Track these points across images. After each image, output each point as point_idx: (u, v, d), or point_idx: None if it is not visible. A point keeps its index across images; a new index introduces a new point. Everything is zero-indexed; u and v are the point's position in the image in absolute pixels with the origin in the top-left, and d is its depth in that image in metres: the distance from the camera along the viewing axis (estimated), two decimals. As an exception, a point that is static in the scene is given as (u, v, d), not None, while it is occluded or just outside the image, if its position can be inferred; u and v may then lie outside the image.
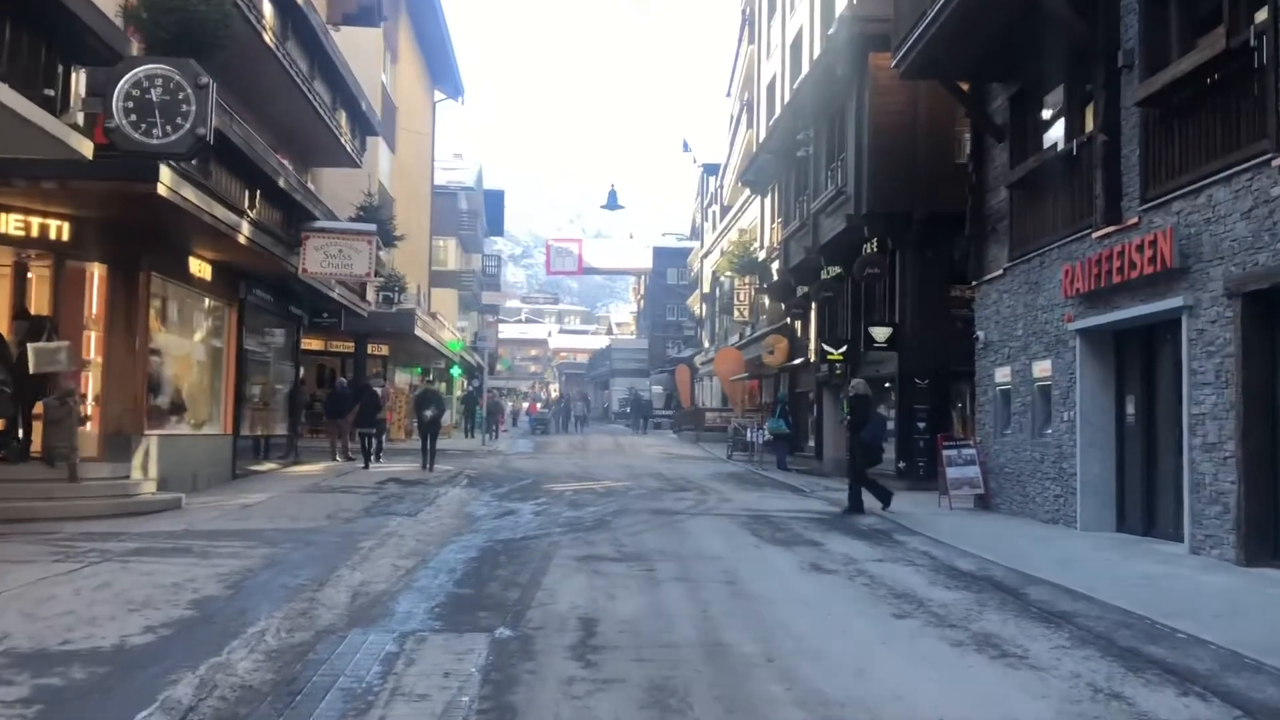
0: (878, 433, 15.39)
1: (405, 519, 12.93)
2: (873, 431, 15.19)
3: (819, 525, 13.55)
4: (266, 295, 18.58)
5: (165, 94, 9.99)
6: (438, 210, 44.83)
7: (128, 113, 9.86)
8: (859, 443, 15.08)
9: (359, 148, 22.11)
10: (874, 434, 15.22)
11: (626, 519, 13.79)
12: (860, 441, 15.05)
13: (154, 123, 9.89)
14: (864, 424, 15.16)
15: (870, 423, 15.26)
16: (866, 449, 15.08)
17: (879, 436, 15.42)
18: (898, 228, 20.07)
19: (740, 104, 38.35)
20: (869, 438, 15.09)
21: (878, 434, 15.39)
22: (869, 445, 15.09)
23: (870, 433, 15.12)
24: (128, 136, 9.91)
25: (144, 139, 9.95)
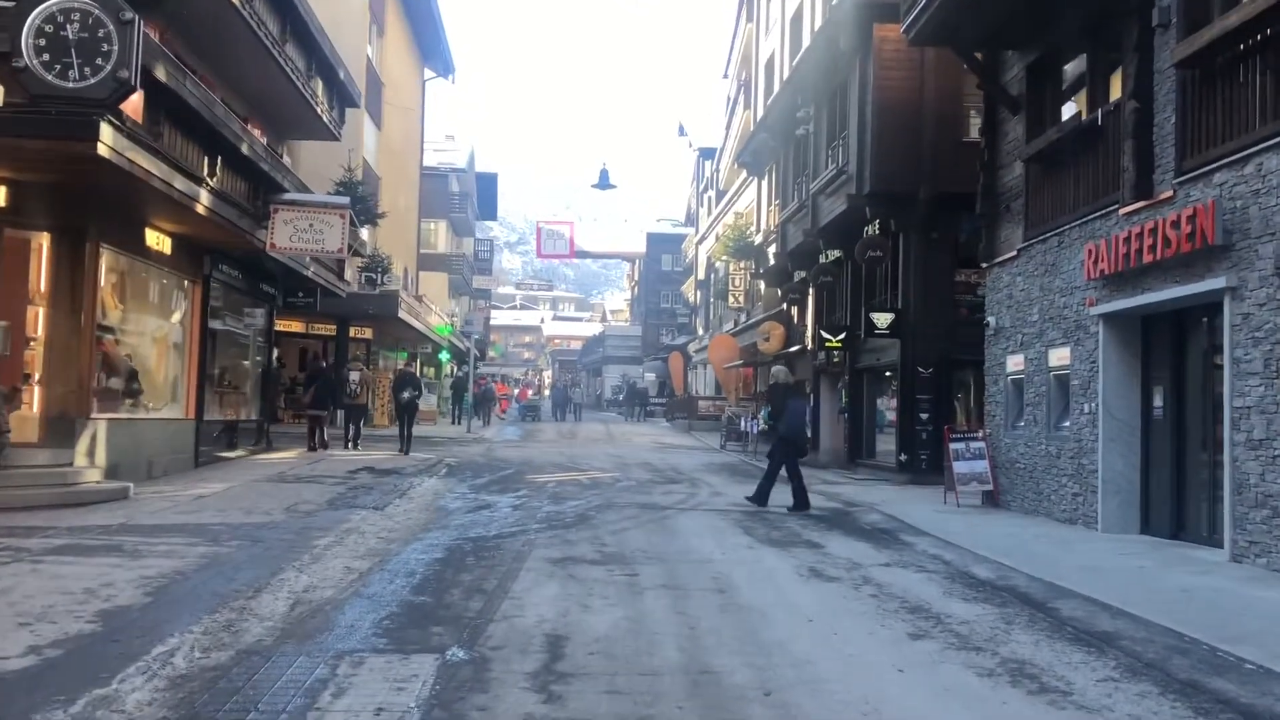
0: (796, 422, 14.59)
1: (370, 513, 11.95)
2: (791, 422, 14.38)
3: (818, 524, 12.58)
4: (235, 272, 17.55)
5: (83, 31, 8.92)
6: (427, 192, 43.74)
7: (39, 51, 8.78)
8: (780, 435, 14.31)
9: (337, 119, 21.05)
10: (793, 424, 14.40)
11: (611, 514, 12.81)
12: (781, 433, 14.30)
13: (70, 64, 8.83)
14: (784, 413, 14.38)
15: (789, 412, 14.41)
16: (787, 440, 14.26)
17: (799, 426, 14.65)
18: (901, 209, 19.08)
19: (738, 84, 37.29)
20: (787, 429, 14.28)
21: (797, 424, 14.59)
22: (789, 437, 14.28)
23: (789, 423, 14.32)
24: (40, 79, 8.84)
25: (58, 82, 8.87)
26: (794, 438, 14.35)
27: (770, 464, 14.33)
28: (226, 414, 18.85)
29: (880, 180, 18.91)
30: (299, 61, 17.91)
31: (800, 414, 14.97)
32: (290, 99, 18.46)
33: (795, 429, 14.44)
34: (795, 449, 14.31)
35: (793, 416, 14.48)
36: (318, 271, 19.63)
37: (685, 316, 58.80)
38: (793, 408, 14.63)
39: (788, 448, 14.20)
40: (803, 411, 15.18)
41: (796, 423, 14.57)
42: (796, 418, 14.63)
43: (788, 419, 14.33)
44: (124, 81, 9.10)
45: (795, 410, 14.70)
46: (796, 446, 14.37)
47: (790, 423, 14.33)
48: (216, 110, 13.00)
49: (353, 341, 30.40)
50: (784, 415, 14.35)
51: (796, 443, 14.40)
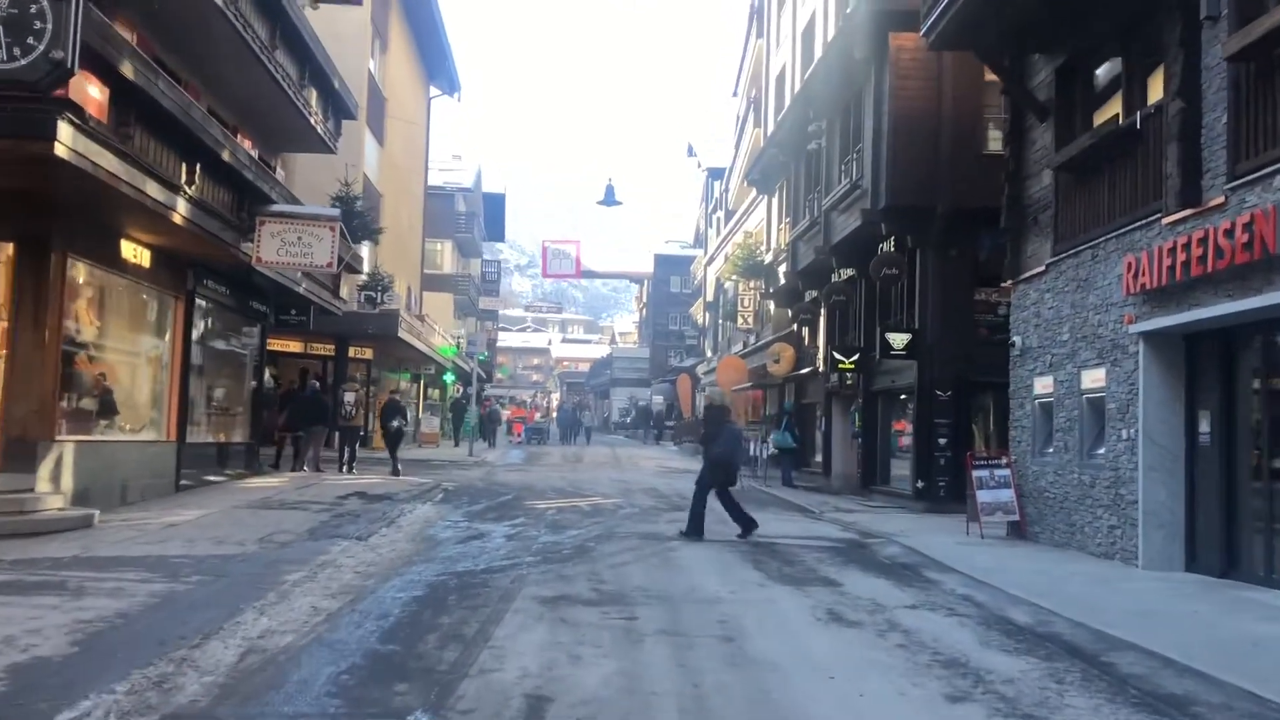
0: (731, 447, 13.72)
1: (352, 543, 11.09)
2: (726, 446, 13.55)
3: (834, 557, 11.69)
4: (222, 288, 16.77)
5: (13, 7, 8.14)
6: (433, 211, 43.09)
7: (-36, 29, 8.00)
8: (710, 459, 13.51)
9: (333, 131, 20.33)
10: (728, 450, 13.56)
11: (611, 546, 11.94)
12: (712, 458, 13.49)
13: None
14: (717, 438, 13.56)
15: (724, 437, 13.60)
16: (718, 466, 13.42)
17: (733, 452, 13.74)
18: (919, 224, 18.24)
19: (747, 102, 36.59)
20: (721, 454, 13.44)
21: (732, 448, 13.72)
22: (721, 462, 13.44)
23: (723, 448, 13.49)
24: (-37, 59, 8.06)
25: (-15, 62, 8.09)
26: (727, 464, 13.50)
27: (697, 490, 13.41)
28: (216, 436, 18.07)
29: (896, 194, 18.09)
30: (290, 69, 17.19)
31: (735, 439, 14.11)
32: (281, 108, 17.73)
33: (728, 455, 13.56)
34: (727, 476, 13.47)
35: (728, 441, 13.63)
36: (310, 288, 18.85)
37: (694, 338, 58.03)
38: (728, 432, 13.83)
39: (717, 474, 13.38)
40: (738, 437, 14.34)
41: (731, 447, 13.72)
42: (732, 442, 13.78)
43: (721, 443, 13.53)
44: (58, 63, 8.31)
45: (730, 435, 13.87)
46: (728, 474, 13.51)
47: (724, 447, 13.51)
48: (194, 113, 12.25)
49: (352, 362, 29.62)
50: (717, 439, 13.54)
51: (729, 470, 13.53)
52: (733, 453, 13.70)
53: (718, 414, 14.19)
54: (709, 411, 14.37)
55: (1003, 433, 18.69)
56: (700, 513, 13.08)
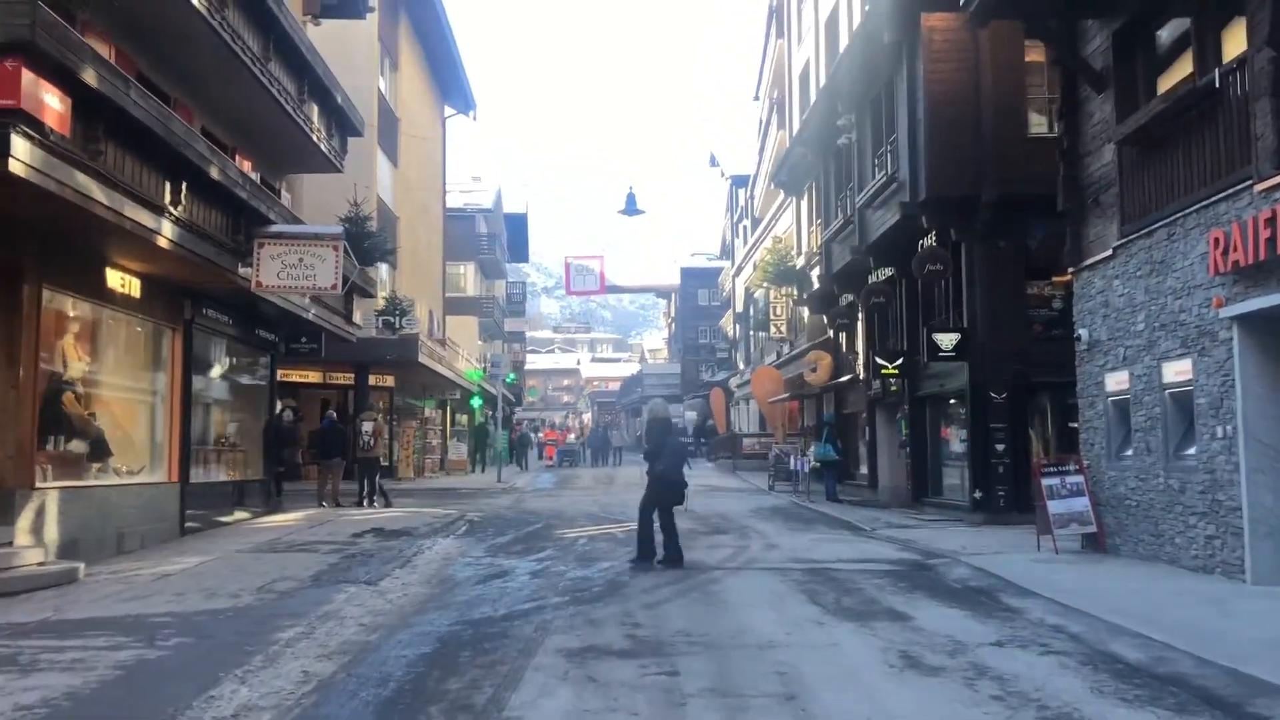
0: (677, 463, 12.57)
1: (360, 589, 10.02)
2: (671, 462, 12.41)
3: (896, 583, 10.48)
4: (223, 317, 15.83)
5: None
6: (453, 234, 42.24)
7: None
8: (653, 477, 12.36)
9: (338, 149, 19.40)
10: (673, 465, 12.40)
11: (646, 580, 10.78)
12: (655, 476, 12.32)
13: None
14: (660, 453, 12.42)
15: (668, 451, 12.49)
16: (664, 485, 12.26)
17: (678, 468, 12.54)
18: (962, 215, 17.05)
19: (770, 104, 35.51)
20: (666, 470, 12.27)
21: (677, 464, 12.55)
22: (666, 480, 12.27)
23: (669, 464, 12.34)
24: None
25: None
26: (673, 481, 12.33)
27: (641, 512, 12.29)
28: (227, 474, 17.12)
29: (937, 185, 16.90)
30: (288, 84, 16.25)
31: (680, 454, 12.92)
32: (281, 126, 16.80)
33: (674, 471, 12.40)
34: (673, 494, 12.32)
35: (672, 456, 12.52)
36: (320, 314, 17.87)
37: (725, 351, 56.84)
38: (671, 446, 12.69)
39: (662, 493, 12.24)
40: (682, 452, 13.14)
41: (677, 463, 12.56)
42: (676, 458, 12.63)
43: (666, 459, 12.37)
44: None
45: (674, 450, 12.72)
46: (675, 491, 12.35)
47: (670, 463, 12.37)
48: (174, 126, 11.28)
49: (374, 390, 28.66)
50: (661, 454, 12.40)
51: (675, 487, 12.36)
52: (678, 469, 12.53)
53: (661, 427, 13.02)
54: (652, 425, 13.18)
55: (1063, 436, 17.45)
56: (648, 535, 12.06)
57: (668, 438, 12.88)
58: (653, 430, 13.22)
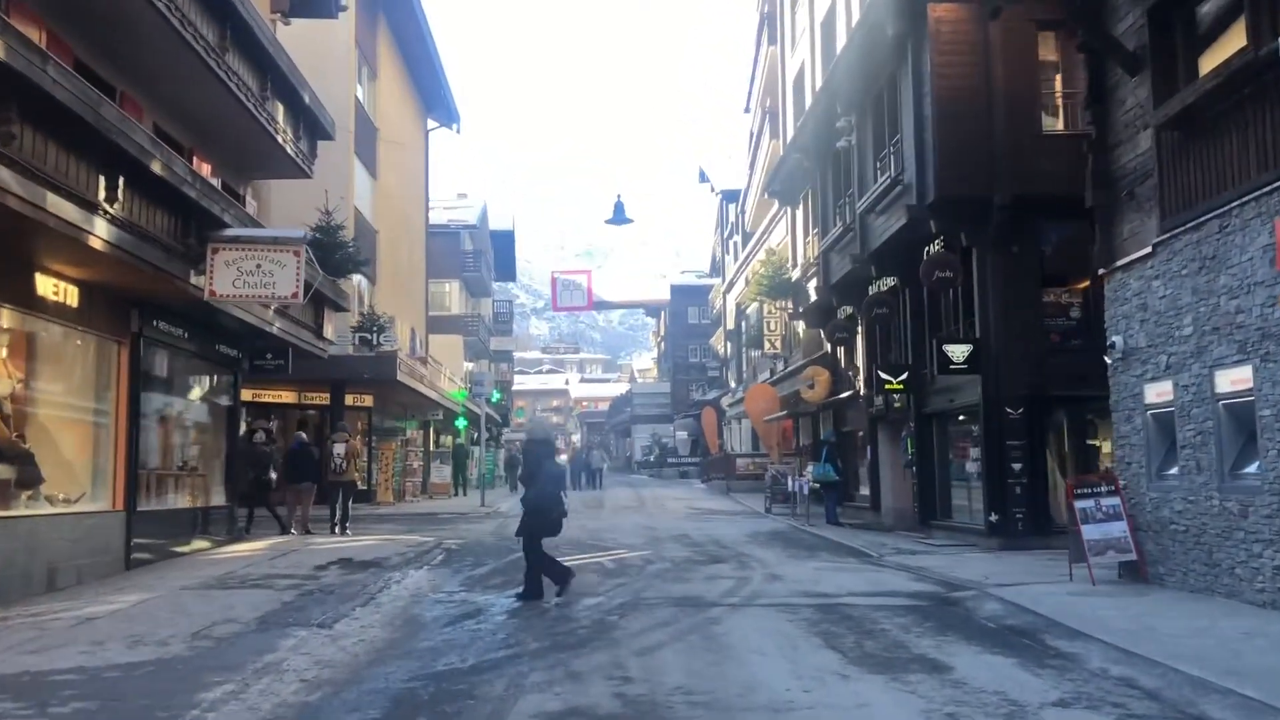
0: (552, 490, 11.33)
1: (312, 633, 8.76)
2: (545, 489, 11.23)
3: (922, 622, 9.26)
4: (178, 330, 14.55)
5: None
6: (438, 250, 41.07)
7: None
8: (528, 503, 11.17)
9: (306, 153, 18.20)
10: (546, 493, 11.20)
11: (639, 619, 9.54)
12: (528, 503, 11.21)
13: None
14: (535, 477, 11.25)
15: (543, 477, 11.27)
16: (536, 513, 11.10)
17: (554, 496, 11.30)
18: (973, 218, 15.93)
19: (762, 113, 34.47)
20: (539, 498, 11.14)
21: (552, 492, 11.31)
22: (539, 508, 11.11)
23: (542, 491, 11.18)
24: None
25: None
26: (546, 508, 11.08)
27: (524, 544, 11.15)
28: (187, 500, 15.83)
29: (947, 185, 15.77)
30: (248, 79, 15.07)
31: (557, 480, 11.61)
32: (242, 125, 15.60)
33: (548, 499, 11.16)
34: (546, 523, 11.09)
35: (547, 482, 11.27)
36: (286, 328, 16.64)
37: (716, 370, 55.72)
38: (548, 471, 11.39)
39: (536, 521, 11.05)
40: (560, 478, 11.78)
41: (552, 491, 11.30)
42: (552, 484, 11.37)
43: (540, 485, 11.15)
44: None
45: (550, 476, 11.43)
46: (549, 520, 11.10)
47: (543, 490, 11.15)
48: (106, 113, 10.06)
49: (351, 410, 27.36)
50: (536, 479, 11.20)
51: (549, 516, 11.10)
52: (553, 497, 11.23)
53: (538, 449, 11.66)
54: (528, 446, 11.81)
55: (1081, 454, 16.31)
56: (537, 566, 10.93)
57: (546, 462, 11.48)
58: (528, 451, 11.93)
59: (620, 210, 26.00)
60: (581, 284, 39.91)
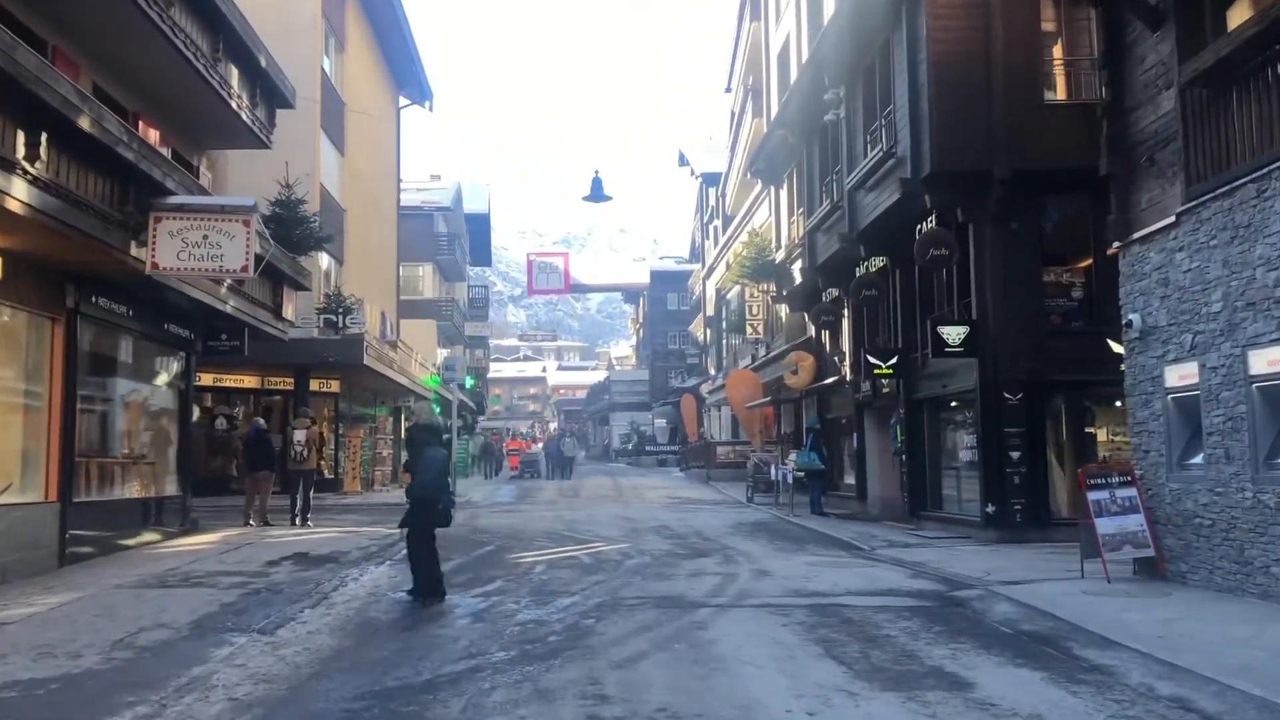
0: (434, 479, 10.18)
1: (252, 640, 7.82)
2: (427, 479, 10.16)
3: (930, 626, 8.38)
4: (120, 307, 13.48)
5: None
6: (410, 233, 39.93)
7: None
8: (413, 494, 10.17)
9: (264, 121, 17.11)
10: (428, 483, 10.15)
11: (617, 623, 8.62)
12: (413, 494, 10.22)
13: None
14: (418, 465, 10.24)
15: (425, 465, 10.21)
16: (420, 503, 10.12)
17: (437, 485, 10.20)
18: (971, 193, 15.08)
19: (744, 92, 33.51)
20: (423, 486, 10.14)
21: (434, 481, 10.18)
22: (425, 499, 10.11)
23: (424, 481, 10.14)
24: None
25: None
26: (429, 499, 10.09)
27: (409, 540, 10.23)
28: (133, 490, 14.78)
29: (943, 157, 14.89)
30: (198, 38, 13.99)
31: (441, 468, 10.28)
32: (191, 88, 14.52)
33: (431, 488, 10.12)
34: (430, 515, 10.08)
35: (428, 470, 10.16)
36: (241, 306, 15.58)
37: (695, 357, 54.83)
38: (430, 459, 10.22)
39: (419, 513, 10.06)
40: (444, 465, 10.38)
41: (433, 480, 10.16)
42: (433, 473, 10.17)
43: (422, 474, 10.17)
44: None
45: (433, 463, 10.20)
46: (431, 511, 10.09)
47: (425, 480, 10.13)
48: (23, 59, 9.01)
49: (317, 396, 26.27)
50: (423, 465, 10.20)
51: (432, 507, 10.09)
52: (436, 485, 10.15)
53: (422, 436, 10.55)
54: (411, 433, 10.58)
55: (1080, 443, 15.52)
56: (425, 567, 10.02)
57: (429, 449, 10.33)
58: (411, 438, 10.79)
59: (598, 187, 24.96)
60: (558, 266, 38.86)
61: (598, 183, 24.97)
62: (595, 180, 24.94)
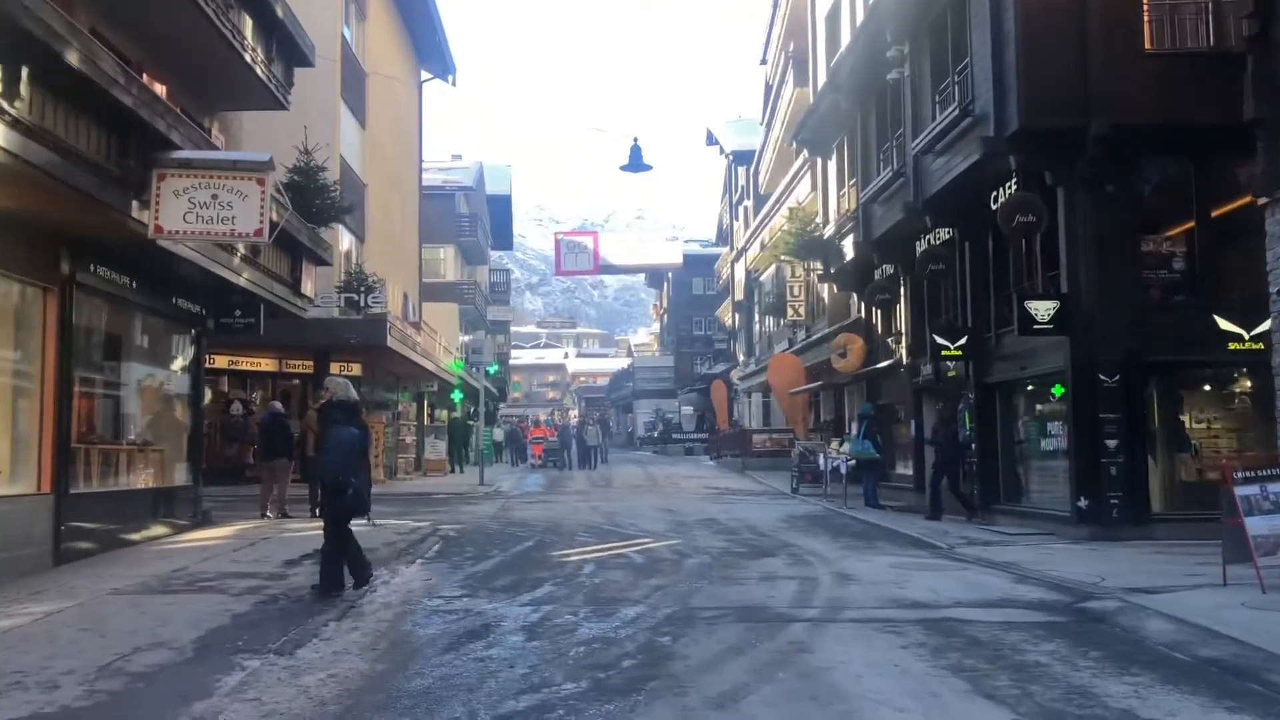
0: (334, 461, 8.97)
1: (266, 665, 6.49)
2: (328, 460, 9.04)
3: (1077, 646, 6.96)
4: (122, 277, 12.17)
5: None
6: (432, 213, 38.60)
7: None
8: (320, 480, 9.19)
9: (281, 80, 15.75)
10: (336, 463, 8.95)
11: (698, 642, 7.23)
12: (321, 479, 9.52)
13: None
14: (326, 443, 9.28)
15: (332, 445, 9.06)
16: (332, 492, 9.02)
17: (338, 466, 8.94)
18: (1062, 152, 13.59)
19: (785, 59, 31.92)
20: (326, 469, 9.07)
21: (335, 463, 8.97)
22: (334, 486, 8.98)
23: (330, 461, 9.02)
24: None
25: None
26: (339, 486, 8.91)
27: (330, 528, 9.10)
28: (144, 480, 13.53)
29: (1033, 112, 13.39)
30: (211, -15, 12.65)
31: (345, 449, 8.99)
32: (201, 37, 13.14)
33: (334, 471, 8.94)
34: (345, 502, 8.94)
35: (330, 451, 9.04)
36: (257, 280, 14.25)
37: (723, 342, 53.41)
38: (335, 439, 9.04)
39: (334, 501, 8.98)
40: (350, 446, 9.03)
41: (336, 462, 8.95)
42: (336, 454, 8.99)
43: (325, 455, 9.13)
44: None
45: (338, 444, 9.01)
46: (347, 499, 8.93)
47: (328, 462, 9.03)
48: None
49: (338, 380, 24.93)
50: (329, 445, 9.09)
51: (339, 494, 8.94)
52: (340, 468, 8.89)
53: (332, 413, 9.22)
54: (330, 410, 9.34)
55: (1172, 429, 14.06)
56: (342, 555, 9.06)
57: (336, 428, 9.08)
58: (322, 417, 9.47)
59: (637, 155, 23.48)
60: (588, 246, 37.35)
61: (636, 150, 23.51)
62: (634, 148, 23.48)
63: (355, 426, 9.31)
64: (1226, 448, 13.77)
